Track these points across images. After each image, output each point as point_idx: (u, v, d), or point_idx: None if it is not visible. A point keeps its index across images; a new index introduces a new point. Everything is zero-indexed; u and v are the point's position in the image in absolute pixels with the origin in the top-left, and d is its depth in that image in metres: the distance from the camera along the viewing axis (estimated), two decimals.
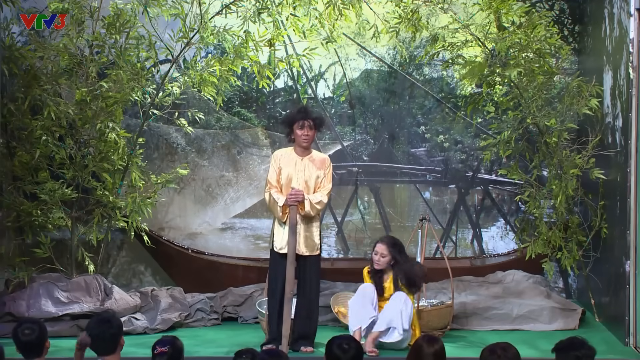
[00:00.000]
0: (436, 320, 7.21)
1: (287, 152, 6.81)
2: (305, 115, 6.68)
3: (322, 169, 6.74)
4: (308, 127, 6.67)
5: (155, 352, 4.34)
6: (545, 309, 7.55)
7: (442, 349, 4.38)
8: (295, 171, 6.69)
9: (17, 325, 4.64)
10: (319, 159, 6.79)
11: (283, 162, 6.73)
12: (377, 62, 8.91)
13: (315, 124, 6.72)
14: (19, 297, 7.28)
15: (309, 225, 6.70)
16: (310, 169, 6.71)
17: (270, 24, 7.68)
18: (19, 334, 4.56)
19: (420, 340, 4.44)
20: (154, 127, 8.61)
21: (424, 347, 4.36)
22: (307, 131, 6.66)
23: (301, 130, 6.66)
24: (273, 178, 6.72)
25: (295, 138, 6.72)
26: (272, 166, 6.77)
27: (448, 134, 8.88)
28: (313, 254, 6.72)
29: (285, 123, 6.84)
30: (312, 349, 6.65)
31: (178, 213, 8.77)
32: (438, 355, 4.34)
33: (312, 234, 6.70)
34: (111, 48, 7.62)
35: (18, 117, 7.41)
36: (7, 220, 7.54)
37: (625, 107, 6.97)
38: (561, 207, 7.57)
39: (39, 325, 4.62)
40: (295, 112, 6.75)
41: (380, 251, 6.74)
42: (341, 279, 8.02)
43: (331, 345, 4.39)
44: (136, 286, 8.43)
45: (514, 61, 7.50)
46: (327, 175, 6.75)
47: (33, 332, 4.56)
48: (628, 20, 6.89)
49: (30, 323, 4.63)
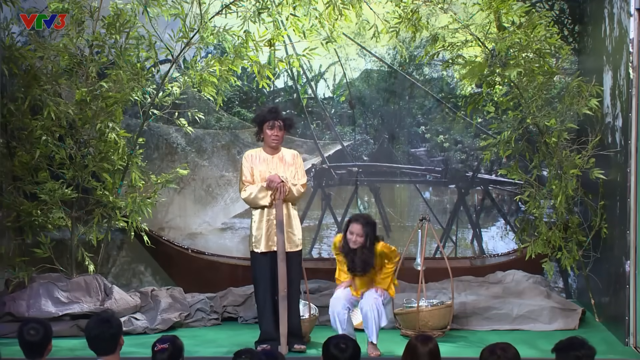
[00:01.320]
0: (436, 320, 7.21)
1: (257, 152, 6.88)
2: (275, 116, 6.74)
3: (293, 164, 6.81)
4: (278, 127, 6.75)
5: (155, 349, 4.34)
6: (545, 309, 7.55)
7: (436, 347, 4.38)
8: (268, 169, 6.74)
9: (24, 324, 4.64)
10: (290, 155, 6.87)
11: (254, 162, 6.80)
12: (377, 62, 8.91)
13: (285, 125, 6.80)
14: (19, 297, 7.28)
15: (290, 220, 6.73)
16: (282, 166, 6.77)
17: (270, 24, 7.68)
18: (24, 333, 4.56)
19: (414, 340, 4.44)
20: (154, 127, 8.61)
21: (418, 347, 4.36)
22: (277, 132, 6.74)
23: (271, 131, 6.74)
24: (248, 177, 6.79)
25: (265, 138, 6.80)
26: (245, 166, 6.82)
27: (448, 134, 8.88)
28: (294, 250, 6.75)
29: (255, 122, 6.89)
30: (304, 347, 6.67)
31: (178, 213, 8.77)
32: (433, 354, 4.35)
33: (293, 230, 6.75)
34: (111, 48, 7.62)
35: (18, 117, 7.41)
36: (7, 220, 7.55)
37: (625, 107, 6.97)
38: (561, 207, 7.56)
39: (45, 327, 4.61)
40: (266, 112, 6.80)
41: (356, 231, 6.57)
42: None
43: (328, 345, 4.38)
44: (136, 286, 8.43)
45: (514, 61, 7.49)
46: (299, 169, 6.82)
47: (38, 333, 4.56)
48: (628, 20, 6.88)
49: (37, 323, 4.62)
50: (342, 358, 4.31)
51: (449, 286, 7.41)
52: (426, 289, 7.48)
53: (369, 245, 6.56)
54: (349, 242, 6.59)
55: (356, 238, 6.57)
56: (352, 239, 6.58)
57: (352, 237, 6.58)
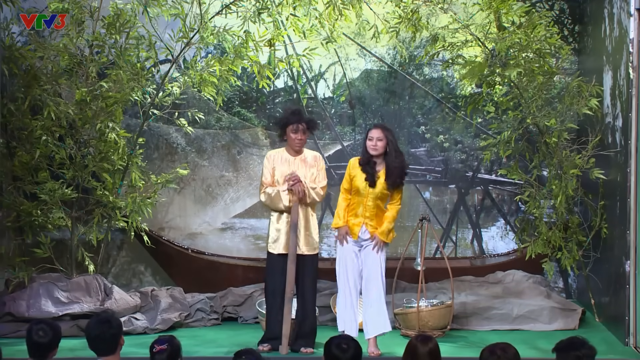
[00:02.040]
0: (436, 320, 7.21)
1: (280, 152, 6.85)
2: (299, 119, 6.70)
3: (314, 166, 6.77)
4: (302, 130, 6.70)
5: (154, 350, 4.34)
6: (545, 309, 7.55)
7: (436, 347, 4.38)
8: (290, 170, 6.71)
9: (34, 323, 4.61)
10: (311, 156, 6.83)
11: (276, 162, 6.77)
12: (377, 62, 8.91)
13: (308, 127, 6.76)
14: (19, 297, 7.28)
15: (308, 223, 6.71)
16: (303, 167, 6.74)
17: (270, 24, 7.68)
18: (32, 332, 4.54)
19: (414, 340, 4.44)
20: (154, 127, 8.61)
21: (418, 347, 4.36)
22: (301, 135, 6.70)
23: (295, 134, 6.69)
24: (268, 178, 6.76)
25: (288, 140, 6.76)
26: (266, 167, 6.80)
27: (448, 134, 8.88)
28: (312, 253, 6.73)
29: (278, 125, 6.86)
30: (312, 350, 6.66)
31: (178, 213, 8.77)
32: (433, 354, 4.35)
33: (312, 232, 6.73)
34: (111, 48, 7.62)
35: (18, 117, 7.41)
36: (7, 220, 7.54)
37: (625, 107, 6.97)
38: (561, 207, 7.56)
39: (54, 331, 4.57)
40: (290, 115, 6.75)
41: (376, 135, 6.43)
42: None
43: (330, 345, 4.38)
44: (136, 286, 8.43)
45: (514, 61, 7.49)
46: (320, 171, 6.77)
47: (46, 335, 4.53)
48: (628, 20, 6.89)
49: (47, 325, 4.58)
50: (344, 358, 4.31)
51: (449, 286, 7.41)
52: (426, 289, 7.48)
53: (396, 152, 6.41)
54: (368, 150, 6.44)
55: (376, 142, 6.43)
56: (372, 144, 6.44)
57: (371, 143, 6.44)
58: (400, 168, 6.51)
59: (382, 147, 6.47)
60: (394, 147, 6.49)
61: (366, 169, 6.52)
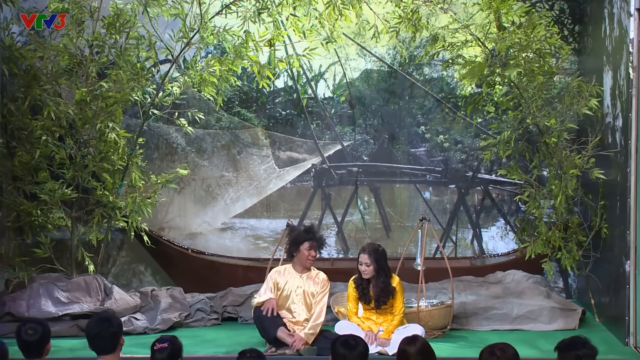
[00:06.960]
0: (436, 320, 7.21)
1: (287, 269, 6.88)
2: (313, 236, 6.80)
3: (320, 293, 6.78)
4: (315, 248, 6.80)
5: (155, 348, 4.35)
6: (545, 309, 7.55)
7: (423, 345, 4.37)
8: (295, 286, 6.78)
9: (22, 324, 4.63)
10: (320, 279, 6.84)
11: (282, 278, 6.80)
12: (377, 62, 8.91)
13: (318, 245, 6.87)
14: (19, 297, 7.28)
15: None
16: (309, 285, 6.79)
17: (270, 24, 7.68)
18: (22, 333, 4.55)
19: (402, 344, 4.42)
20: (154, 127, 8.61)
21: (407, 350, 4.36)
22: (314, 252, 6.81)
23: (309, 252, 6.78)
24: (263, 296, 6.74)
25: (300, 256, 6.81)
26: (268, 279, 6.83)
27: (448, 134, 8.89)
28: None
29: (293, 242, 6.86)
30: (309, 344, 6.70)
31: (178, 213, 8.77)
32: (423, 352, 4.34)
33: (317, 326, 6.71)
34: (111, 48, 7.62)
35: (18, 117, 7.41)
36: (7, 220, 7.55)
37: (625, 107, 6.97)
38: (561, 207, 7.57)
39: (43, 327, 4.60)
40: (304, 233, 6.84)
41: (364, 261, 6.78)
42: (341, 279, 7.98)
43: (336, 344, 4.37)
44: (136, 286, 8.43)
45: (514, 61, 7.49)
46: (324, 292, 6.80)
47: (36, 333, 4.55)
48: (628, 20, 6.89)
49: (35, 323, 4.61)
50: (351, 356, 4.31)
51: (449, 286, 7.41)
52: (426, 289, 7.48)
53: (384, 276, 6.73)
54: (361, 275, 6.78)
55: (365, 268, 6.75)
56: (362, 269, 6.78)
57: (361, 267, 6.79)
58: (384, 290, 6.77)
59: (371, 272, 6.78)
60: (383, 269, 6.78)
61: (360, 289, 6.84)
